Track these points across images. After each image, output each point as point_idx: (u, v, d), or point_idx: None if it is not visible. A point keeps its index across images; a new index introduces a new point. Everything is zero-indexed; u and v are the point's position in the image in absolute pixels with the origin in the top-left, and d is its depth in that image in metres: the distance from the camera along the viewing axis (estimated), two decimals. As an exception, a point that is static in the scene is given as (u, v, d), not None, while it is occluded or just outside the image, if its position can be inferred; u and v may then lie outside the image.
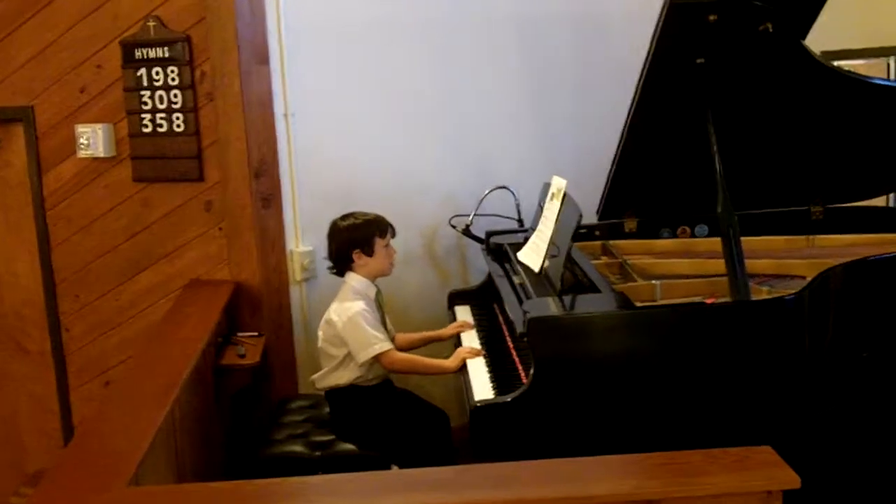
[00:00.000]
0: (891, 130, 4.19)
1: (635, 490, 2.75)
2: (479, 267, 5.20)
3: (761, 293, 3.80)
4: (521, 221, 5.10)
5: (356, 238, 4.30)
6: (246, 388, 4.67)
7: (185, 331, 4.32)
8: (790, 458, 2.81)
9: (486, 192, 5.08)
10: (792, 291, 3.57)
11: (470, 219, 5.05)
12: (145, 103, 4.92)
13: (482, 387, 3.77)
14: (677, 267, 4.29)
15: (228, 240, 4.98)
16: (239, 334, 4.83)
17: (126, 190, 5.05)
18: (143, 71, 4.89)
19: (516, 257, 4.40)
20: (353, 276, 4.33)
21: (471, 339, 4.35)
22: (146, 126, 4.94)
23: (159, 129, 4.93)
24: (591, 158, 4.66)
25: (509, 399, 3.45)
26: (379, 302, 4.38)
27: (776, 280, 4.05)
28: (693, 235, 4.71)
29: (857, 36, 5.40)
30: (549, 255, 4.04)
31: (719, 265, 3.80)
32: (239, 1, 4.73)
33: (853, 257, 3.75)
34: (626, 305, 3.59)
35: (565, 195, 4.11)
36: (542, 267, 4.07)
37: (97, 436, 3.33)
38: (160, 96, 4.90)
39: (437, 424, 4.46)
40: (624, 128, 4.16)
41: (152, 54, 4.87)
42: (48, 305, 5.21)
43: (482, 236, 4.97)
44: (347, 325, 4.20)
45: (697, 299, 3.83)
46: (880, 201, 4.86)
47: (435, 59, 5.26)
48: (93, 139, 4.98)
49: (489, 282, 4.69)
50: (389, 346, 4.22)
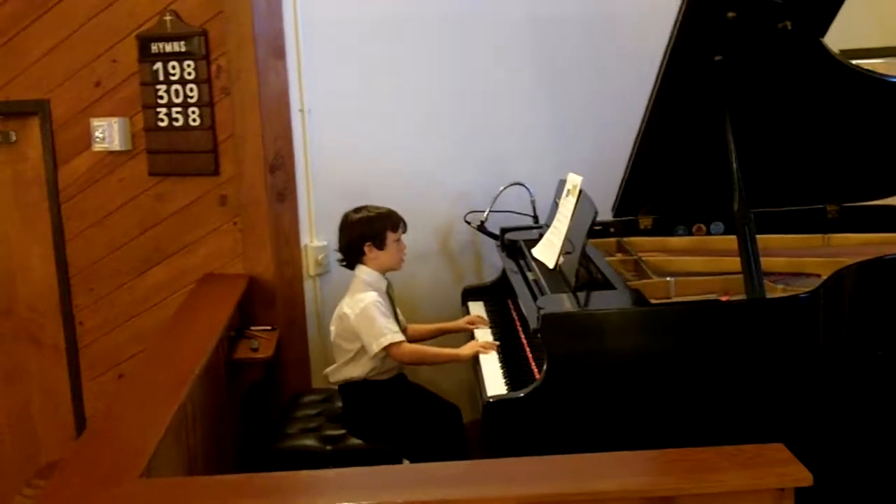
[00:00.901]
0: (909, 129, 4.18)
1: (648, 486, 2.74)
2: (494, 263, 5.19)
3: (776, 291, 3.79)
4: (536, 218, 5.08)
5: (368, 231, 4.30)
6: (259, 382, 4.68)
7: (199, 325, 4.32)
8: (803, 456, 2.80)
9: (502, 189, 5.07)
10: (807, 289, 3.56)
11: (485, 215, 5.03)
12: (161, 97, 4.93)
13: (495, 382, 3.77)
14: (692, 264, 4.28)
15: (243, 234, 4.99)
16: (252, 328, 4.84)
17: (141, 184, 5.06)
18: (160, 65, 4.90)
19: (531, 254, 4.40)
20: (364, 270, 4.33)
21: (484, 335, 4.34)
22: (162, 120, 4.95)
23: (175, 124, 4.94)
24: (607, 155, 4.64)
25: (522, 395, 3.45)
26: (390, 295, 4.37)
27: (791, 278, 4.04)
28: (709, 233, 4.69)
29: (877, 34, 5.37)
30: (564, 252, 4.04)
31: (734, 263, 3.78)
32: (255, -5, 4.75)
33: (868, 256, 3.72)
34: (641, 302, 3.58)
35: (581, 192, 4.10)
36: (557, 263, 4.06)
37: (110, 428, 3.34)
38: (176, 90, 4.91)
39: (450, 419, 4.46)
40: (641, 124, 4.14)
41: (168, 48, 4.88)
42: (62, 299, 5.23)
43: (497, 233, 4.96)
44: (360, 316, 4.19)
45: (712, 297, 3.83)
46: (897, 200, 4.84)
47: (451, 56, 5.25)
48: (108, 133, 4.98)
49: (503, 278, 4.68)
50: (401, 338, 4.21)
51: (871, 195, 4.58)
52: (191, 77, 4.89)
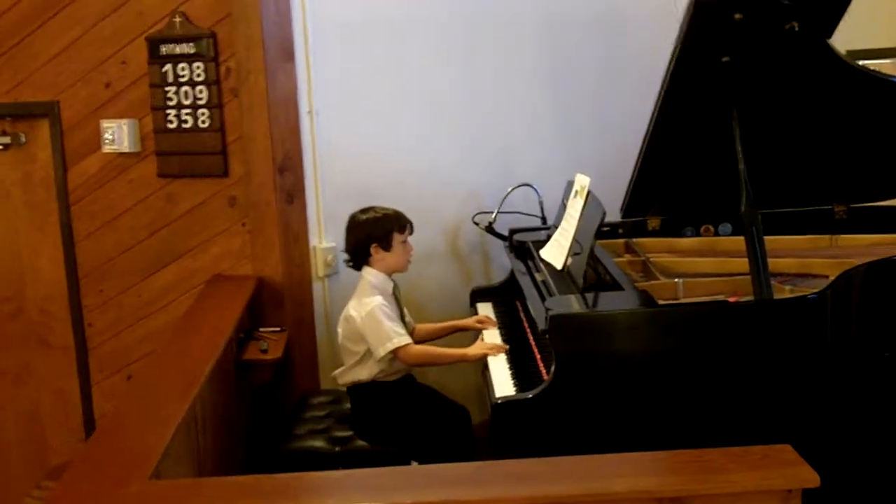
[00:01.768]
0: (917, 130, 4.17)
1: (656, 487, 2.74)
2: (502, 264, 5.20)
3: (784, 292, 3.80)
4: (545, 219, 5.09)
5: (374, 232, 4.29)
6: (267, 383, 4.68)
7: (208, 326, 4.33)
8: (810, 457, 2.80)
9: (510, 190, 5.08)
10: (814, 290, 3.56)
11: (493, 216, 5.04)
12: (170, 99, 4.93)
13: (503, 383, 3.77)
14: (700, 265, 4.28)
15: (252, 235, 4.99)
16: (261, 329, 4.84)
17: (150, 185, 5.07)
18: (169, 67, 4.90)
19: (539, 255, 4.40)
20: (370, 271, 4.32)
21: (492, 336, 4.34)
22: (171, 122, 4.95)
23: (184, 125, 4.94)
24: (615, 156, 4.65)
25: (530, 396, 3.46)
26: (396, 296, 4.37)
27: (799, 279, 4.04)
28: (717, 234, 4.69)
29: (884, 35, 5.37)
30: (572, 253, 4.04)
31: (742, 264, 3.78)
32: (264, -3, 4.76)
33: (876, 257, 3.72)
34: (649, 303, 3.59)
35: (589, 193, 4.10)
36: (565, 264, 4.06)
37: (119, 430, 3.34)
38: (185, 92, 4.91)
39: (458, 421, 4.46)
40: (648, 126, 4.14)
41: (178, 50, 4.89)
42: (71, 300, 5.23)
43: (505, 233, 4.97)
44: (366, 320, 4.20)
45: (720, 298, 3.83)
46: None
47: (458, 57, 5.26)
48: (117, 134, 4.99)
49: (511, 279, 4.68)
50: (407, 341, 4.21)
51: (879, 196, 4.58)
52: (200, 79, 4.90)
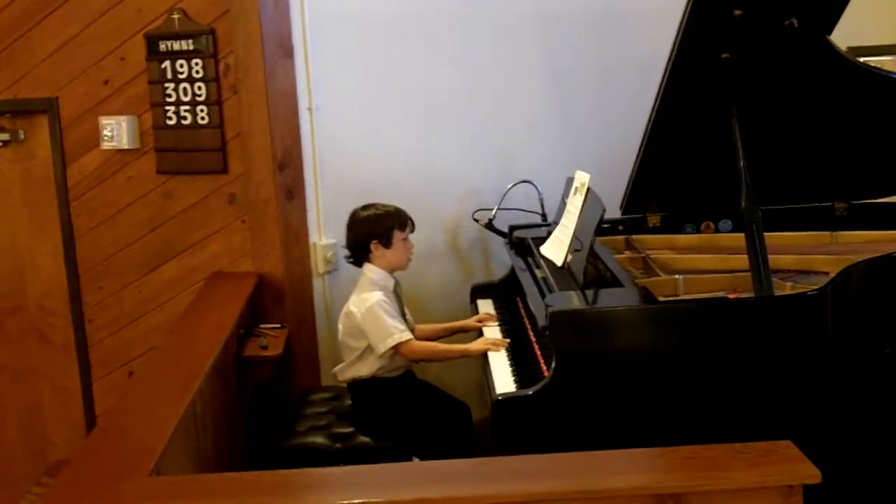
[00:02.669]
0: (917, 127, 4.17)
1: (657, 484, 2.74)
2: (502, 261, 5.20)
3: (784, 289, 3.80)
4: (545, 216, 5.09)
5: (375, 229, 4.29)
6: (268, 380, 4.67)
7: (208, 322, 4.33)
8: (811, 453, 2.80)
9: (510, 187, 5.07)
10: (815, 287, 3.56)
11: (493, 213, 5.04)
12: (169, 96, 4.93)
13: (504, 380, 3.77)
14: (700, 262, 4.28)
15: (251, 232, 4.99)
16: (261, 326, 4.83)
17: (149, 182, 5.07)
18: (168, 63, 4.90)
19: (539, 251, 4.40)
20: (371, 268, 4.32)
21: (493, 333, 4.34)
22: (170, 118, 4.95)
23: (183, 122, 4.94)
24: (615, 153, 4.65)
25: (531, 392, 3.45)
26: (397, 293, 4.37)
27: (799, 276, 4.03)
28: (717, 230, 4.69)
29: (884, 32, 5.37)
30: (572, 250, 4.04)
31: (742, 260, 3.79)
32: (263, -7, 4.76)
33: (877, 254, 3.73)
34: (649, 300, 3.58)
35: (588, 189, 4.10)
36: (565, 261, 4.06)
37: (119, 426, 3.35)
38: (184, 89, 4.91)
39: (459, 417, 4.45)
40: (648, 122, 4.14)
41: (176, 47, 4.89)
42: (71, 297, 5.24)
43: (505, 230, 4.96)
44: (366, 316, 4.19)
45: (720, 294, 3.83)
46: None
47: (458, 54, 5.26)
48: (116, 131, 4.99)
49: (512, 275, 4.68)
50: (409, 336, 4.20)
51: (879, 192, 4.58)
52: (199, 75, 4.89)
